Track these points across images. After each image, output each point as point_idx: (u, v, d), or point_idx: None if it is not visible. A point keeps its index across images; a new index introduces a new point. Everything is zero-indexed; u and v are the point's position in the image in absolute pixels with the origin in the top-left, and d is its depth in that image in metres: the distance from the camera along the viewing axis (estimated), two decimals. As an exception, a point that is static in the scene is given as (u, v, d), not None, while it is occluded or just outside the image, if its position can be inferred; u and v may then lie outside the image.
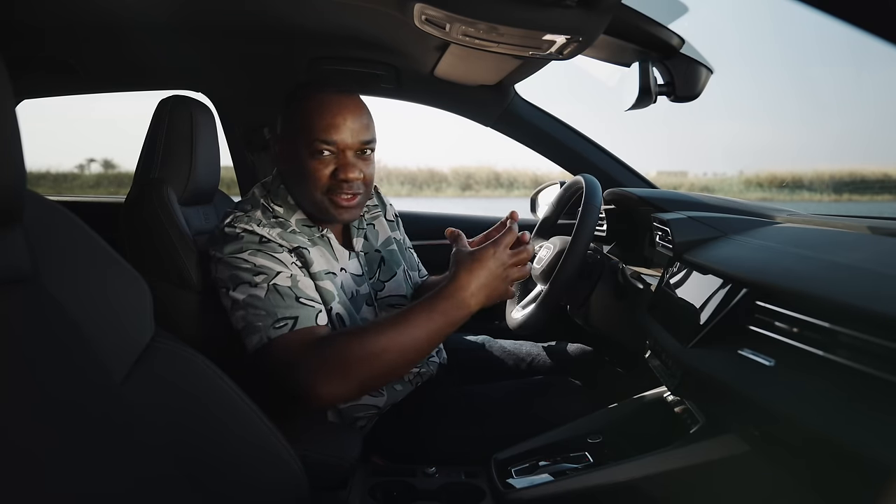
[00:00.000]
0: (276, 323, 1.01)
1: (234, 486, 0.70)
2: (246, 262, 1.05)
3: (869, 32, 0.53)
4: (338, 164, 1.10)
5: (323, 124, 1.08)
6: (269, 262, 1.05)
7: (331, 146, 1.09)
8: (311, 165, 1.10)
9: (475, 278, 1.01)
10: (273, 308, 1.02)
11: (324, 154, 1.09)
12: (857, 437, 0.53)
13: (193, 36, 1.57)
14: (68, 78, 1.80)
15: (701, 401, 0.94)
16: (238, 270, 1.05)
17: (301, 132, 1.10)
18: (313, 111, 1.09)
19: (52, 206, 0.62)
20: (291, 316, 1.02)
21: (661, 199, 1.33)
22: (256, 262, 1.04)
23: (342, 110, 1.10)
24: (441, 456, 1.12)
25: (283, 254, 1.07)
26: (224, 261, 1.07)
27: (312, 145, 1.09)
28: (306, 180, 1.11)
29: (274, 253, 1.06)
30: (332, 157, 1.10)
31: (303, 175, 1.11)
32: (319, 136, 1.08)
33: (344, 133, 1.09)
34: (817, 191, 2.16)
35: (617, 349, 1.50)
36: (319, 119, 1.08)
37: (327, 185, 1.11)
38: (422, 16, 1.10)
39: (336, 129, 1.09)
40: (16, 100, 0.51)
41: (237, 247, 1.06)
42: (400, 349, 0.98)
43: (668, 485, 0.87)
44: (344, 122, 1.09)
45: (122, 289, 0.66)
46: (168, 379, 0.66)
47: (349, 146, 1.10)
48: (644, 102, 1.37)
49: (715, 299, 0.87)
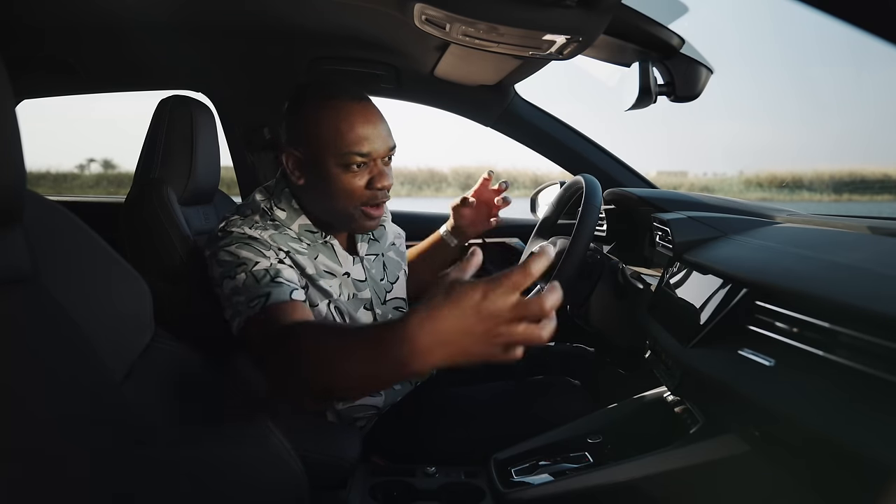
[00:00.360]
0: (251, 302, 0.98)
1: (233, 485, 0.70)
2: (230, 255, 1.04)
3: (868, 32, 0.53)
4: (371, 175, 1.07)
5: (353, 136, 1.04)
6: (251, 254, 1.03)
7: (364, 158, 1.05)
8: (345, 180, 1.06)
9: (435, 327, 0.66)
10: (248, 290, 1.00)
11: (358, 167, 1.06)
12: (857, 437, 0.53)
13: (193, 36, 1.57)
14: (68, 78, 1.80)
15: (701, 401, 0.94)
16: (223, 265, 1.04)
17: (327, 145, 1.05)
18: (339, 122, 1.04)
19: (52, 206, 0.62)
20: (264, 294, 0.99)
21: (661, 199, 1.33)
22: (241, 254, 1.03)
23: (369, 119, 1.06)
24: (441, 456, 1.12)
25: (270, 251, 1.06)
26: (214, 257, 1.06)
27: (345, 159, 1.04)
28: (339, 195, 1.07)
29: (260, 248, 1.05)
30: (365, 169, 1.07)
31: (333, 190, 1.07)
32: (353, 149, 1.04)
33: (376, 143, 1.05)
34: (817, 191, 2.16)
35: (617, 349, 1.50)
36: (349, 131, 1.04)
37: (364, 196, 1.07)
38: (422, 16, 1.10)
39: (368, 141, 1.05)
40: (16, 100, 0.51)
41: (225, 241, 1.05)
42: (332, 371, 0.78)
43: (668, 485, 0.87)
44: (374, 131, 1.06)
45: (122, 289, 0.66)
46: (168, 378, 0.66)
47: (380, 154, 1.07)
48: (644, 102, 1.37)
49: (715, 299, 0.87)
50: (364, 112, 1.06)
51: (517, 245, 2.05)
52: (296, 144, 1.08)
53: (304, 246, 1.12)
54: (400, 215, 1.79)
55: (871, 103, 49.45)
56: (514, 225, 2.09)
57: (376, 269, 1.25)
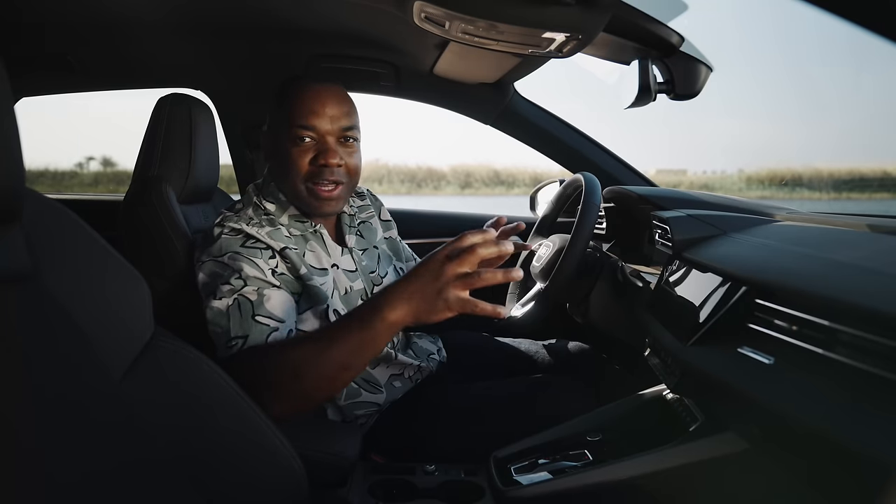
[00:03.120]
0: (230, 342, 0.98)
1: (233, 483, 0.70)
2: (224, 268, 1.03)
3: (868, 29, 0.53)
4: (318, 151, 1.11)
5: (303, 111, 1.09)
6: (246, 265, 1.02)
7: (310, 132, 1.10)
8: (292, 153, 1.10)
9: (404, 285, 0.87)
10: (228, 325, 0.99)
11: (304, 141, 1.10)
12: (856, 435, 0.53)
13: (192, 34, 1.56)
14: (67, 76, 1.80)
15: (700, 399, 0.94)
16: (213, 277, 1.04)
17: (282, 121, 1.11)
18: (294, 100, 1.11)
19: (51, 204, 0.62)
20: (242, 335, 0.98)
21: (660, 197, 1.33)
22: (234, 265, 1.02)
23: (321, 97, 1.11)
24: (440, 454, 1.12)
25: (265, 259, 1.05)
26: (205, 264, 1.06)
27: (292, 132, 1.10)
28: (288, 170, 1.11)
29: (254, 257, 1.04)
30: (313, 144, 1.11)
31: (285, 165, 1.12)
32: (298, 122, 1.09)
33: (323, 119, 1.10)
34: (817, 189, 2.16)
35: (616, 347, 1.50)
36: (300, 106, 1.10)
37: (308, 172, 1.11)
38: (421, 14, 1.10)
39: (315, 115, 1.09)
40: (14, 97, 0.51)
41: (218, 247, 1.06)
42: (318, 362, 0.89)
43: (668, 483, 0.87)
44: (323, 109, 1.10)
45: (121, 287, 0.65)
46: (167, 377, 0.66)
47: (329, 132, 1.11)
48: (643, 100, 1.37)
49: (714, 297, 0.87)
50: (320, 91, 1.12)
51: (516, 243, 2.05)
52: (269, 129, 1.17)
53: (294, 241, 1.12)
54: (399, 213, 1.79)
55: (870, 101, 49.29)
56: (513, 223, 2.09)
57: (368, 261, 1.26)
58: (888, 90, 39.63)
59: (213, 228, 1.09)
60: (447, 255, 0.86)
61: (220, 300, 1.00)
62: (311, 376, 0.90)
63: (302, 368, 0.89)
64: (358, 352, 0.89)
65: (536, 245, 1.59)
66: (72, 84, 1.93)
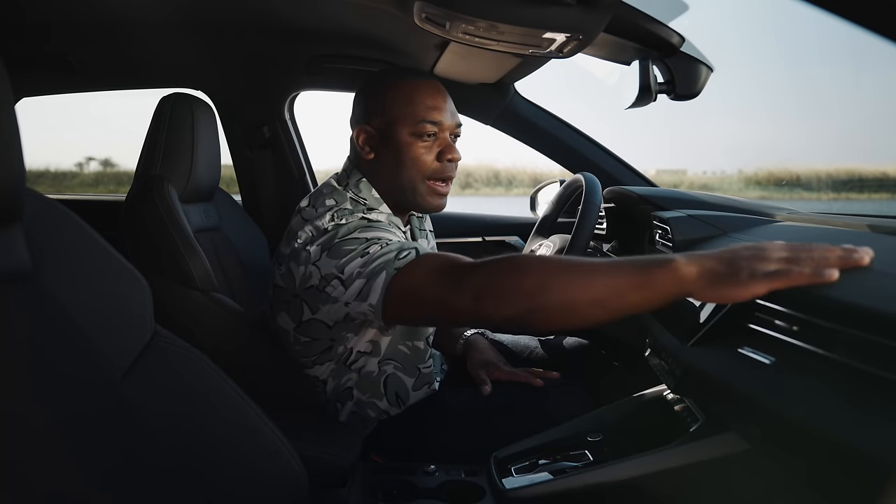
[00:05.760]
0: (400, 254, 0.95)
1: (233, 483, 0.70)
2: (356, 241, 0.99)
3: (868, 29, 0.53)
4: (440, 147, 1.12)
5: (426, 105, 1.10)
6: (381, 233, 1.01)
7: (436, 126, 1.10)
8: (416, 149, 1.10)
9: (709, 251, 0.76)
10: (389, 251, 0.96)
11: (429, 136, 1.10)
12: (857, 435, 0.53)
13: (194, 34, 1.56)
14: (68, 76, 1.80)
15: (701, 399, 0.94)
16: (349, 252, 0.99)
17: (401, 114, 1.10)
18: (412, 94, 1.10)
19: (51, 204, 0.62)
20: (411, 247, 0.97)
21: (660, 198, 1.33)
22: (369, 235, 1.00)
23: (441, 92, 1.13)
24: (441, 454, 1.12)
25: (394, 228, 1.06)
26: (332, 250, 1.00)
27: (417, 127, 1.09)
28: (409, 164, 1.11)
29: (385, 230, 1.03)
30: (434, 141, 1.12)
31: (404, 161, 1.11)
32: (426, 118, 1.09)
33: (445, 114, 1.12)
34: (816, 189, 2.16)
35: (617, 347, 1.50)
36: (422, 101, 1.10)
37: (432, 168, 1.11)
38: (422, 14, 1.10)
39: (439, 111, 1.11)
40: (15, 98, 0.51)
41: (345, 230, 1.01)
42: (570, 285, 0.80)
43: (668, 483, 0.87)
44: (444, 104, 1.12)
45: (121, 287, 0.66)
46: (168, 377, 0.66)
47: (450, 127, 1.13)
48: (644, 100, 1.37)
49: (715, 298, 0.87)
50: (435, 86, 1.14)
51: (517, 243, 2.05)
52: (369, 119, 1.14)
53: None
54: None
55: (869, 102, 49.14)
56: (513, 223, 2.09)
57: None
58: (888, 90, 39.21)
59: (318, 222, 1.04)
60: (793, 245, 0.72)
61: (365, 259, 0.96)
62: (555, 297, 0.80)
63: (550, 282, 0.81)
64: (621, 294, 0.78)
65: (536, 245, 1.59)
66: (72, 84, 1.93)
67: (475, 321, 0.90)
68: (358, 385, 1.16)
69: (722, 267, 0.72)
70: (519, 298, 0.82)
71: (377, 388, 1.17)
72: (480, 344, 1.36)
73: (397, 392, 1.18)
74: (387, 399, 1.18)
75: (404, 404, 1.20)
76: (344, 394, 1.16)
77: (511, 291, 0.83)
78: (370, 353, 1.15)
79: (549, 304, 0.81)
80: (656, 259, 0.77)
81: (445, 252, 0.98)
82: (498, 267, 0.86)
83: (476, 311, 0.85)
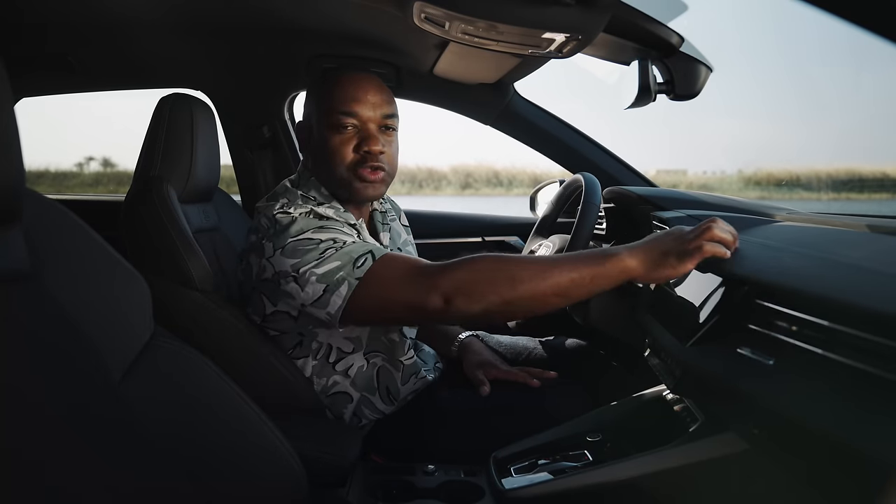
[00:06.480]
0: (357, 262, 0.98)
1: (233, 483, 0.70)
2: (311, 242, 1.01)
3: (868, 30, 0.53)
4: (361, 138, 1.11)
5: (344, 97, 1.10)
6: (334, 234, 1.02)
7: (352, 118, 1.10)
8: (335, 142, 1.10)
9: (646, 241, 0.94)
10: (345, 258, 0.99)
11: (347, 129, 1.10)
12: (857, 435, 0.53)
13: (193, 34, 1.56)
14: (68, 76, 1.80)
15: (700, 399, 0.94)
16: (301, 253, 1.00)
17: (321, 110, 1.11)
18: (334, 89, 1.11)
19: (51, 204, 0.62)
20: (366, 251, 0.99)
21: (660, 198, 1.33)
22: (322, 237, 1.01)
23: (362, 84, 1.12)
24: (440, 454, 1.12)
25: (346, 227, 1.06)
26: (285, 249, 1.02)
27: (333, 118, 1.10)
28: (331, 159, 1.11)
29: (338, 227, 1.04)
30: (355, 132, 1.11)
31: (327, 154, 1.11)
32: (340, 109, 1.09)
33: (364, 105, 1.10)
34: (816, 189, 2.15)
35: (616, 348, 1.50)
36: (340, 94, 1.10)
37: (352, 160, 1.11)
38: (421, 14, 1.10)
39: (356, 102, 1.10)
40: (15, 98, 0.51)
41: (297, 229, 1.03)
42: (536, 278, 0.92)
43: (668, 483, 0.87)
44: (364, 95, 1.11)
45: (121, 287, 0.66)
46: (167, 377, 0.66)
47: (371, 119, 1.11)
48: (643, 101, 1.37)
49: (714, 298, 0.87)
50: (359, 80, 1.13)
51: (516, 243, 2.05)
52: (307, 120, 1.17)
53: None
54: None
55: (869, 102, 49.17)
56: (513, 223, 2.09)
57: None
58: (888, 90, 39.25)
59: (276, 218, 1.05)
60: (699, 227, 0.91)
61: (322, 258, 0.99)
62: (524, 290, 0.91)
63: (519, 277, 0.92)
64: (580, 284, 0.91)
65: (536, 245, 1.59)
66: (72, 84, 1.93)
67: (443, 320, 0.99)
68: (353, 385, 1.17)
69: (656, 255, 0.91)
70: (490, 294, 0.92)
71: (370, 382, 1.18)
72: (475, 346, 1.36)
73: (388, 387, 1.19)
74: (379, 395, 1.18)
75: (396, 400, 1.20)
76: (340, 397, 1.17)
77: (482, 290, 0.93)
78: (352, 352, 1.16)
79: (518, 297, 0.92)
80: (605, 252, 0.93)
81: (398, 254, 1.05)
82: (469, 266, 0.95)
83: (447, 310, 0.93)
